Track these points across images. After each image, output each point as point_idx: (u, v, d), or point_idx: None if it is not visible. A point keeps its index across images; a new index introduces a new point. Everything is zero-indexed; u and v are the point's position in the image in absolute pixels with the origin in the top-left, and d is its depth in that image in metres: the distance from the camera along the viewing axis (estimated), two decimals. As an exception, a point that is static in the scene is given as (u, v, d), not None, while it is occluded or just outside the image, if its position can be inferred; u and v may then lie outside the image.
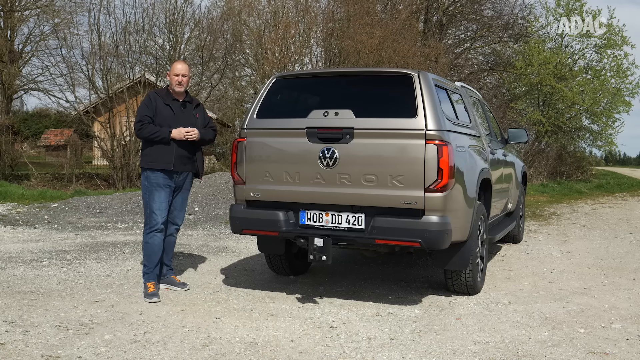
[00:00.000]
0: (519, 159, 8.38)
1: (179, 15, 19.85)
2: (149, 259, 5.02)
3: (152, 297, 4.84)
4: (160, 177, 4.97)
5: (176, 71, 5.09)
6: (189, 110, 5.15)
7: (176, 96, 5.13)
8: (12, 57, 18.87)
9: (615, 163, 78.47)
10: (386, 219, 4.50)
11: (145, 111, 4.99)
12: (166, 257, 5.26)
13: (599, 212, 12.76)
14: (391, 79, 4.96)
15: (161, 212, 4.99)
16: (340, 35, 17.81)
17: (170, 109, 5.04)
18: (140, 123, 4.95)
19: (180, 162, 5.02)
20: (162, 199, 4.99)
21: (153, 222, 4.98)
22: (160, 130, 4.92)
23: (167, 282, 5.25)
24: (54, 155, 24.42)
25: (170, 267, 5.33)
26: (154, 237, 4.99)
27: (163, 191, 4.99)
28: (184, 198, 5.23)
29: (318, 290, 5.30)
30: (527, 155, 20.46)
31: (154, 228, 4.98)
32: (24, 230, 8.53)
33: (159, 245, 5.03)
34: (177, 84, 5.07)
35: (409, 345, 3.89)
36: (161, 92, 5.15)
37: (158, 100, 5.04)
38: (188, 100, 5.20)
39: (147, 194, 5.01)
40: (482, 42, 25.99)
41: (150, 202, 4.98)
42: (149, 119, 4.97)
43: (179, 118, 5.04)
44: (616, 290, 5.48)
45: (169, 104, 5.05)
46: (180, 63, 5.19)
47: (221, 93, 22.69)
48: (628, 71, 22.20)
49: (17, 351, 3.63)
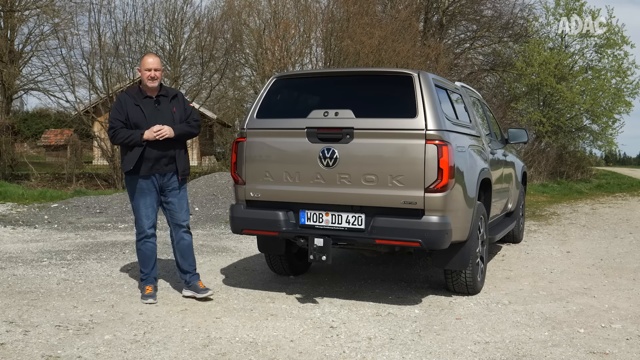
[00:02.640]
0: (519, 159, 8.39)
1: (179, 16, 19.85)
2: (144, 264, 4.94)
3: (147, 298, 4.78)
4: (142, 182, 4.79)
5: (147, 65, 4.79)
6: (164, 106, 4.86)
7: (149, 92, 4.85)
8: (12, 57, 18.87)
9: (615, 163, 78.38)
10: (386, 219, 4.50)
11: (116, 115, 4.76)
12: (185, 264, 4.98)
13: (599, 212, 12.76)
14: (391, 79, 4.96)
15: (148, 218, 4.84)
16: (340, 35, 17.80)
17: (139, 110, 4.76)
18: (113, 130, 4.73)
19: (158, 164, 4.78)
20: (147, 203, 4.82)
21: (140, 228, 4.86)
22: (132, 134, 4.69)
23: (193, 289, 4.94)
24: (54, 155, 24.41)
25: (192, 272, 4.99)
26: (145, 244, 4.89)
27: (148, 196, 4.81)
28: (181, 197, 4.94)
29: (318, 290, 5.30)
30: (527, 155, 20.46)
31: (143, 235, 4.86)
32: (24, 230, 8.53)
33: (151, 250, 4.93)
34: (150, 79, 4.78)
35: (409, 345, 3.89)
36: (132, 92, 4.86)
37: (128, 101, 4.78)
38: (163, 94, 4.90)
39: (132, 200, 4.87)
40: (482, 42, 26.00)
41: (136, 208, 4.86)
42: (121, 123, 4.74)
43: (152, 117, 4.76)
44: (616, 290, 5.48)
45: (138, 103, 4.78)
46: (151, 56, 4.90)
47: (221, 93, 22.68)
48: (628, 71, 22.21)
49: (17, 351, 3.63)
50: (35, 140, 31.23)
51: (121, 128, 4.73)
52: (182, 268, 5.00)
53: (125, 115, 4.75)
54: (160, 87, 4.92)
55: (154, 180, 4.82)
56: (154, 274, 4.98)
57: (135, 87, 4.91)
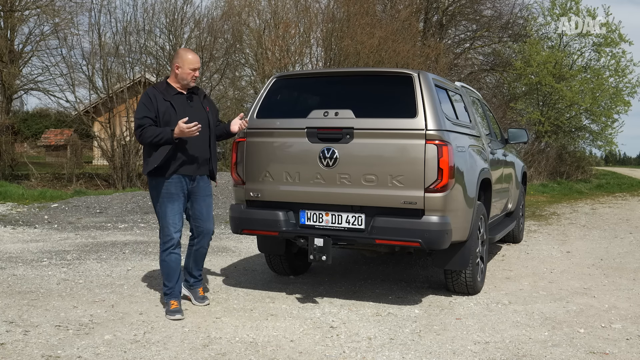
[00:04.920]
0: (519, 159, 8.39)
1: (179, 16, 19.84)
2: (169, 278, 4.48)
3: (174, 313, 4.35)
4: (171, 185, 4.35)
5: (194, 65, 4.40)
6: (196, 103, 4.50)
7: (180, 89, 4.47)
8: (12, 57, 18.86)
9: (615, 163, 78.40)
10: (386, 219, 4.50)
11: (145, 112, 4.30)
12: (195, 268, 4.72)
13: (599, 212, 12.76)
14: (391, 79, 4.96)
15: (175, 225, 4.40)
16: (340, 35, 17.80)
17: (170, 105, 4.35)
18: (141, 128, 4.27)
19: (190, 165, 4.40)
20: (175, 210, 4.38)
21: (167, 237, 4.41)
22: (162, 131, 4.24)
23: (192, 293, 4.78)
24: (54, 155, 24.41)
25: (198, 278, 4.79)
26: (170, 255, 4.44)
27: (176, 201, 4.37)
28: (208, 204, 4.57)
29: (318, 290, 5.30)
30: (527, 155, 20.46)
31: (169, 245, 4.42)
32: (24, 230, 8.53)
33: (176, 263, 4.47)
34: (193, 79, 4.45)
35: (409, 345, 3.89)
36: (160, 87, 4.45)
37: (158, 96, 4.35)
38: (193, 91, 4.52)
39: (158, 205, 4.41)
40: (482, 42, 26.00)
41: (162, 215, 4.40)
42: (150, 121, 4.28)
43: (183, 114, 4.32)
44: (616, 290, 5.48)
45: (169, 99, 4.37)
46: (196, 55, 4.48)
47: (221, 93, 22.66)
48: (627, 69, 22.17)
49: (17, 351, 3.63)
50: (35, 140, 31.23)
51: (150, 126, 4.28)
52: (191, 272, 4.77)
53: (155, 111, 4.32)
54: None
55: (183, 183, 4.41)
56: (179, 288, 4.55)
57: (163, 82, 4.50)
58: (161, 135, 4.24)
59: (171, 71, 4.49)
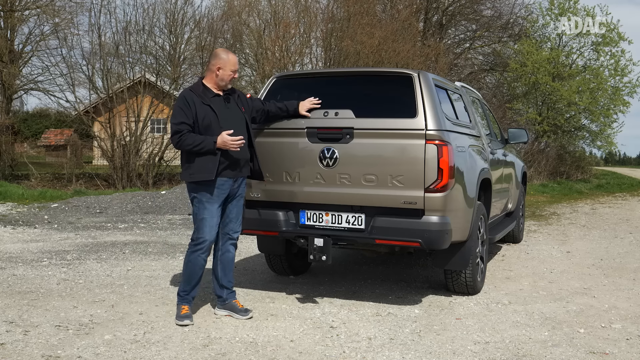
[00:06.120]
0: (519, 159, 8.39)
1: (179, 16, 19.85)
2: (189, 280, 4.34)
3: (184, 319, 4.23)
4: (215, 188, 4.25)
5: (235, 66, 4.31)
6: (233, 105, 4.39)
7: (217, 90, 4.35)
8: (12, 57, 18.88)
9: (615, 163, 78.39)
10: (386, 219, 4.50)
11: (182, 117, 4.16)
12: (225, 279, 4.50)
13: (599, 212, 12.76)
14: (391, 79, 4.96)
15: (211, 228, 4.28)
16: (340, 35, 17.79)
17: (210, 109, 4.22)
18: (179, 134, 4.14)
19: (235, 167, 4.32)
20: (214, 212, 4.28)
21: (200, 238, 4.27)
22: (203, 140, 4.12)
23: (229, 309, 4.47)
24: (54, 155, 24.44)
25: (231, 289, 4.53)
26: (197, 258, 4.29)
27: (216, 203, 4.28)
28: (239, 205, 4.50)
29: (318, 290, 5.30)
30: (527, 155, 20.45)
31: (199, 247, 4.28)
32: (24, 230, 8.53)
33: (200, 267, 4.33)
34: (232, 81, 4.37)
35: (409, 345, 3.89)
36: (197, 89, 4.29)
37: (195, 100, 4.21)
38: (228, 92, 4.42)
39: (197, 207, 4.29)
40: (482, 42, 26.01)
41: (201, 217, 4.27)
42: (187, 127, 4.14)
43: (224, 118, 4.24)
44: (616, 290, 5.48)
45: (208, 102, 4.24)
46: (235, 55, 4.42)
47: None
48: (626, 69, 22.12)
49: (17, 351, 3.63)
50: (35, 140, 31.25)
51: (188, 132, 4.15)
52: (220, 283, 4.51)
53: (193, 116, 4.18)
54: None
55: (226, 186, 4.32)
56: (194, 294, 4.41)
57: (199, 84, 4.35)
58: (202, 144, 4.14)
59: (208, 72, 4.35)
